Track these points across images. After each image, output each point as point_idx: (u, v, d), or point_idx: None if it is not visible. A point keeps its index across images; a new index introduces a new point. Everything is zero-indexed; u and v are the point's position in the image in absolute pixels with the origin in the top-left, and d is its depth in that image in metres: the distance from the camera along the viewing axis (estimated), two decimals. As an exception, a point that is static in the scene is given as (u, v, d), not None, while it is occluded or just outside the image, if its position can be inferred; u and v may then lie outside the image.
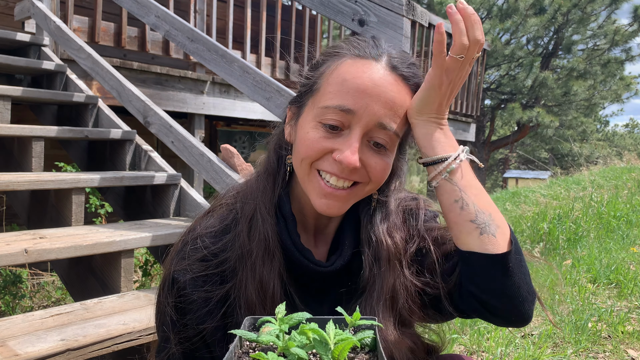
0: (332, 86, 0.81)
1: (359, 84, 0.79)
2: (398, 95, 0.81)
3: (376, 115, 0.79)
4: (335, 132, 0.80)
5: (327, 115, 0.80)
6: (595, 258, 3.49)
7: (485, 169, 15.87)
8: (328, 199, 0.82)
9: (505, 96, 16.25)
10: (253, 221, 0.86)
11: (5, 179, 1.93)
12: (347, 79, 0.80)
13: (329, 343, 0.56)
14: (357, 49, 0.84)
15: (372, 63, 0.82)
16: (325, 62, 0.86)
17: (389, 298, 0.87)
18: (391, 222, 0.93)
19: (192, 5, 4.11)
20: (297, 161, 0.84)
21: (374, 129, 0.80)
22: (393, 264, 0.89)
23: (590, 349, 2.24)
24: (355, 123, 0.79)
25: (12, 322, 1.41)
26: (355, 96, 0.79)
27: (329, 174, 0.81)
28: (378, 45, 0.85)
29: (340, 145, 0.79)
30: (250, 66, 2.10)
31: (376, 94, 0.79)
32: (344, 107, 0.79)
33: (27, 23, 3.47)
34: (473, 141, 6.97)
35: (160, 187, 2.36)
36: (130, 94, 2.52)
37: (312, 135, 0.81)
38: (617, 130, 26.45)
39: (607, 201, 5.10)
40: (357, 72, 0.80)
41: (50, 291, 3.67)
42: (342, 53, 0.84)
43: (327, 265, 0.87)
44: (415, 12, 1.72)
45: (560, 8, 14.29)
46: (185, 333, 0.85)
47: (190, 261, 0.86)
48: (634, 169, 7.29)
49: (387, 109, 0.80)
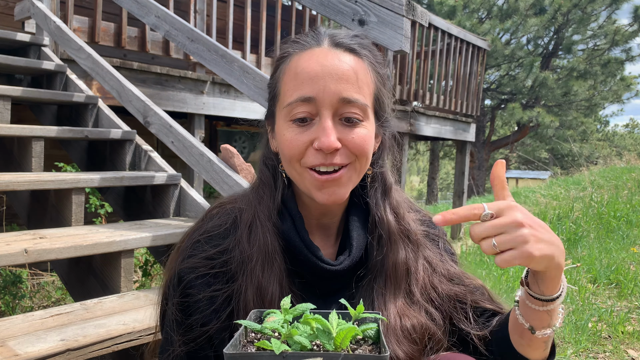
0: (287, 84, 0.84)
1: (308, 71, 0.82)
2: (350, 67, 0.83)
3: (335, 92, 0.81)
4: (306, 123, 0.82)
5: (292, 111, 0.82)
6: (596, 258, 3.49)
7: (485, 169, 15.86)
8: (326, 188, 0.83)
9: (506, 96, 16.25)
10: (252, 227, 0.87)
11: (5, 179, 1.93)
12: (297, 72, 0.83)
13: (331, 332, 0.57)
14: (299, 44, 0.87)
15: (315, 49, 0.85)
16: (278, 67, 0.89)
17: (392, 274, 0.88)
18: (393, 198, 0.93)
19: (192, 5, 4.11)
20: (287, 166, 0.86)
21: (340, 106, 0.81)
22: (395, 240, 0.89)
23: (590, 349, 2.24)
24: (320, 107, 0.81)
25: (12, 322, 1.41)
26: (309, 83, 0.81)
27: (317, 165, 0.82)
28: (317, 33, 0.88)
29: (315, 134, 0.81)
30: (250, 66, 2.10)
31: (327, 73, 0.81)
32: (303, 96, 0.81)
33: (27, 23, 3.47)
34: (473, 141, 6.97)
35: (160, 187, 2.36)
36: (130, 94, 2.52)
37: (288, 135, 0.83)
38: (617, 130, 26.43)
39: (607, 201, 5.10)
40: (305, 62, 0.83)
41: (50, 291, 3.67)
42: (288, 53, 0.87)
43: (336, 264, 0.87)
44: (415, 12, 1.72)
45: (561, 8, 14.29)
46: (190, 334, 0.85)
47: (197, 259, 0.86)
48: (634, 169, 7.28)
49: (343, 83, 0.81)
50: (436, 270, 0.93)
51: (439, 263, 0.94)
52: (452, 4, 14.27)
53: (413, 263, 0.91)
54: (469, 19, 14.53)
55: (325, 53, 0.84)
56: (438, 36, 5.68)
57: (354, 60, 0.84)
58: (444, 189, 28.33)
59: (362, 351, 0.59)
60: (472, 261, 3.86)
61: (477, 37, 6.44)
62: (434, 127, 6.05)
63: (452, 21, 12.98)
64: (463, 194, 6.69)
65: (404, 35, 1.68)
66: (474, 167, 15.57)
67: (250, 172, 2.25)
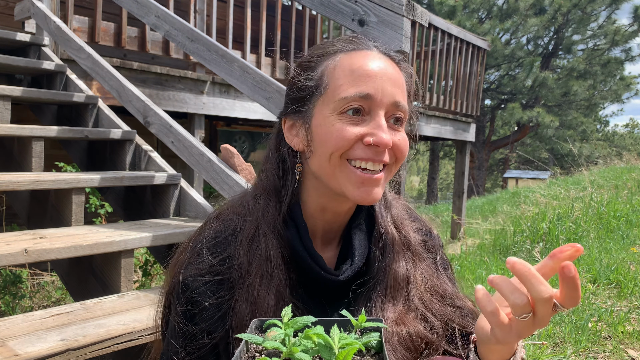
0: (342, 79, 0.84)
1: (367, 70, 0.83)
2: (398, 75, 0.87)
3: (391, 94, 0.83)
4: (359, 117, 0.82)
5: (348, 105, 0.82)
6: (595, 258, 3.49)
7: (485, 168, 15.86)
8: (366, 186, 0.82)
9: (505, 96, 16.25)
10: (254, 239, 0.85)
11: (5, 179, 1.93)
12: (354, 69, 0.84)
13: (333, 348, 0.56)
14: (349, 43, 0.88)
15: (367, 52, 0.86)
16: (320, 62, 0.87)
17: (392, 284, 0.88)
18: (393, 208, 0.95)
19: (192, 5, 4.11)
20: (324, 158, 0.83)
21: (391, 109, 0.84)
22: (397, 252, 0.90)
23: (590, 349, 2.25)
24: (375, 106, 0.82)
25: (12, 322, 1.41)
26: (368, 82, 0.82)
27: (363, 160, 0.82)
28: (365, 39, 0.90)
29: (368, 129, 0.82)
30: (250, 66, 2.10)
31: (384, 74, 0.83)
32: (362, 93, 0.82)
33: (27, 23, 3.47)
34: (473, 141, 6.97)
35: (160, 187, 2.36)
36: (130, 94, 2.52)
37: (339, 126, 0.82)
38: (617, 130, 26.43)
39: (607, 201, 5.11)
40: (361, 61, 0.84)
41: (50, 291, 3.67)
42: (335, 50, 0.88)
43: (338, 274, 0.87)
44: (415, 12, 1.72)
45: (560, 8, 14.29)
46: (194, 343, 0.83)
47: (201, 266, 0.85)
48: (634, 169, 7.29)
49: (396, 87, 0.84)
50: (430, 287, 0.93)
51: (435, 280, 0.94)
52: (452, 4, 14.26)
53: (412, 272, 0.91)
54: (469, 19, 14.53)
55: (379, 57, 0.86)
56: (438, 36, 5.68)
57: (399, 72, 0.88)
58: (443, 189, 28.33)
59: None
60: (472, 261, 3.87)
61: (477, 37, 6.44)
62: (434, 127, 6.05)
63: (452, 21, 12.98)
64: (463, 194, 6.69)
65: (404, 35, 1.68)
66: (474, 167, 15.57)
67: (251, 172, 2.25)
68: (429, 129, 5.96)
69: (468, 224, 6.36)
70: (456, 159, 6.95)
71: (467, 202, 8.84)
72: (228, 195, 2.06)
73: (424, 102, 5.82)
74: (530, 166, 17.79)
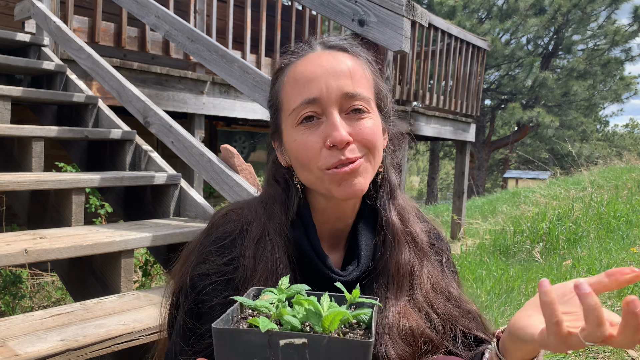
0: (289, 92, 0.85)
1: (308, 74, 0.83)
2: (346, 64, 0.85)
3: (338, 88, 0.82)
4: (313, 122, 0.82)
5: (298, 115, 0.83)
6: (595, 258, 3.49)
7: (485, 168, 15.86)
8: (345, 181, 0.82)
9: (505, 96, 16.25)
10: (260, 242, 0.86)
11: (5, 179, 1.93)
12: (297, 78, 0.84)
13: (322, 314, 0.57)
14: (293, 54, 0.89)
15: (310, 54, 0.87)
16: (276, 80, 0.90)
17: (394, 274, 0.88)
18: (398, 199, 0.94)
19: (192, 6, 4.11)
20: (304, 172, 0.85)
21: (344, 102, 0.82)
22: (398, 241, 0.90)
23: (590, 349, 2.24)
24: (326, 106, 0.82)
25: (12, 322, 1.41)
26: (310, 85, 0.82)
27: (334, 165, 0.82)
28: (310, 41, 0.90)
29: (325, 132, 0.81)
30: (250, 66, 2.10)
31: (326, 71, 0.83)
32: (307, 98, 0.82)
33: (27, 23, 3.47)
34: (473, 141, 6.98)
35: (160, 187, 2.36)
36: (130, 94, 2.52)
37: (299, 139, 0.83)
38: (617, 130, 26.42)
39: (607, 201, 5.10)
40: (302, 67, 0.85)
41: (50, 291, 3.67)
42: (285, 63, 0.89)
43: (344, 275, 0.87)
44: (415, 12, 1.72)
45: (560, 8, 14.29)
46: (201, 342, 0.83)
47: (209, 266, 0.85)
48: (634, 169, 7.29)
49: (343, 79, 0.82)
50: (435, 287, 0.93)
51: (441, 281, 0.94)
52: (452, 4, 14.27)
53: (418, 268, 0.90)
54: (469, 19, 14.53)
55: (320, 55, 0.86)
56: (438, 36, 5.68)
57: (349, 58, 0.86)
58: (443, 189, 28.33)
59: (352, 335, 0.59)
60: (472, 261, 3.86)
61: (477, 37, 6.44)
62: (434, 127, 6.05)
63: (452, 21, 12.98)
64: (463, 194, 6.69)
65: (404, 35, 1.68)
66: (474, 167, 15.57)
67: (251, 173, 2.25)
68: (429, 129, 5.96)
69: (468, 224, 6.36)
70: (456, 159, 6.95)
71: (467, 202, 8.84)
72: (228, 195, 2.06)
73: (424, 102, 5.82)
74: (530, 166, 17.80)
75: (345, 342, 0.54)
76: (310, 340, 0.54)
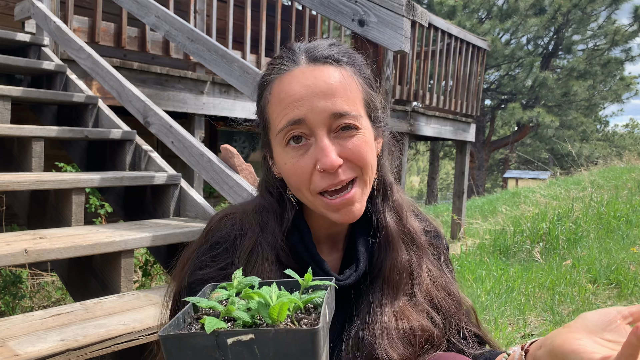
0: (275, 111, 0.83)
1: (292, 94, 0.80)
2: (333, 80, 0.81)
3: (324, 109, 0.79)
4: (302, 143, 0.80)
5: (286, 135, 0.81)
6: (595, 258, 3.49)
7: (485, 168, 15.86)
8: (343, 209, 0.81)
9: (505, 96, 16.26)
10: (252, 255, 0.85)
11: (5, 179, 1.93)
12: (281, 97, 0.81)
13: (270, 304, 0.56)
14: (277, 68, 0.85)
15: (294, 70, 0.82)
16: (261, 96, 0.88)
17: (390, 276, 0.87)
18: (394, 198, 0.93)
19: (192, 6, 4.11)
20: (297, 193, 0.85)
21: (332, 122, 0.80)
22: (393, 242, 0.89)
23: (590, 349, 2.24)
24: (313, 127, 0.79)
25: (12, 322, 1.41)
26: (295, 106, 0.79)
27: (326, 189, 0.80)
28: (293, 51, 0.85)
29: (314, 156, 0.79)
30: (250, 66, 2.10)
31: (311, 92, 0.79)
32: (293, 120, 0.79)
33: (27, 23, 3.47)
34: (473, 141, 6.97)
35: (160, 187, 2.36)
36: (130, 94, 2.52)
37: (289, 162, 0.82)
38: (617, 130, 26.42)
39: (607, 201, 5.11)
40: (287, 86, 0.81)
41: (50, 291, 3.67)
42: (268, 79, 0.86)
43: (342, 279, 0.86)
44: (415, 12, 1.72)
45: (560, 8, 14.29)
46: None
47: (207, 271, 0.85)
48: (634, 169, 7.29)
49: (330, 98, 0.79)
50: (435, 282, 0.93)
51: (440, 277, 0.94)
52: (452, 4, 14.27)
53: (416, 266, 0.90)
54: (469, 19, 14.53)
55: (304, 72, 0.81)
56: (438, 36, 5.68)
57: (336, 71, 0.82)
58: (443, 189, 28.33)
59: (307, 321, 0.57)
60: (472, 261, 3.87)
61: (477, 37, 6.44)
62: (434, 127, 6.05)
63: (452, 21, 12.98)
64: (463, 194, 6.69)
65: (404, 35, 1.68)
66: (474, 167, 15.57)
67: (251, 173, 2.25)
68: (429, 129, 5.96)
69: (468, 224, 6.36)
70: (456, 159, 6.95)
71: (467, 202, 8.84)
72: (228, 195, 2.06)
73: (424, 102, 5.83)
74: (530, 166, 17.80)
75: (290, 332, 0.52)
76: (256, 334, 0.51)
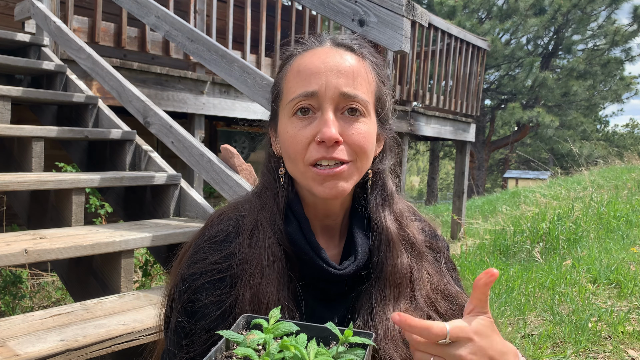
0: (290, 82, 0.86)
1: (311, 67, 0.84)
2: (351, 64, 0.85)
3: (337, 86, 0.82)
4: (308, 115, 0.83)
5: (295, 106, 0.83)
6: (595, 258, 3.49)
7: (485, 168, 15.86)
8: (327, 182, 0.82)
9: (505, 96, 16.26)
10: (254, 232, 0.87)
11: (5, 179, 1.93)
12: (300, 69, 0.85)
13: None
14: (302, 44, 0.90)
15: (317, 49, 0.87)
16: (282, 68, 0.91)
17: (391, 280, 0.87)
18: (395, 205, 0.93)
19: (192, 6, 4.11)
20: (291, 164, 0.86)
21: (341, 101, 0.83)
22: (394, 246, 0.89)
23: (590, 349, 2.25)
24: (322, 101, 0.82)
25: (12, 322, 1.41)
26: (311, 78, 0.83)
27: (319, 159, 0.82)
28: (320, 35, 0.90)
29: (316, 128, 0.82)
30: (250, 66, 2.10)
31: (329, 68, 0.83)
32: (306, 91, 0.82)
33: (27, 23, 3.47)
34: (473, 141, 6.98)
35: (160, 187, 2.36)
36: (130, 94, 2.52)
37: (290, 131, 0.84)
38: (617, 130, 26.41)
39: (607, 201, 5.11)
40: (307, 60, 0.85)
41: (50, 291, 3.67)
42: (292, 54, 0.90)
43: (341, 269, 0.86)
44: (415, 12, 1.72)
45: (560, 8, 14.30)
46: (195, 342, 0.84)
47: (203, 264, 0.86)
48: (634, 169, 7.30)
49: (344, 78, 0.83)
50: (435, 287, 0.93)
51: (440, 281, 0.94)
52: (452, 4, 14.27)
53: (417, 271, 0.90)
54: (469, 19, 14.54)
55: (327, 51, 0.86)
56: (438, 36, 5.68)
57: (355, 59, 0.86)
58: (444, 189, 28.33)
59: None
60: (472, 261, 3.87)
61: (477, 37, 6.44)
62: (434, 127, 6.05)
63: (452, 21, 12.98)
64: (463, 194, 6.69)
65: (404, 35, 1.68)
66: (474, 167, 15.58)
67: (251, 173, 2.25)
68: (429, 129, 5.96)
69: (468, 224, 6.36)
70: (456, 159, 6.95)
71: (467, 202, 8.85)
72: (228, 195, 2.06)
73: (424, 102, 5.82)
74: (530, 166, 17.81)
75: None
76: None
